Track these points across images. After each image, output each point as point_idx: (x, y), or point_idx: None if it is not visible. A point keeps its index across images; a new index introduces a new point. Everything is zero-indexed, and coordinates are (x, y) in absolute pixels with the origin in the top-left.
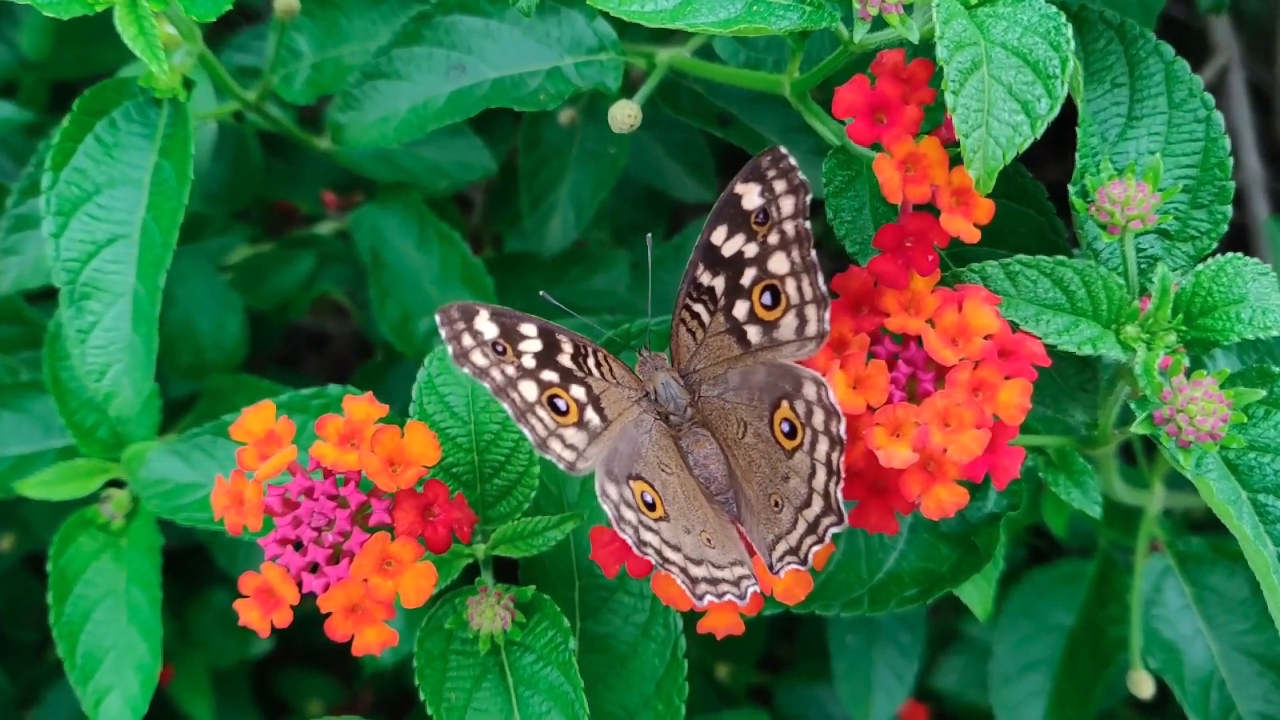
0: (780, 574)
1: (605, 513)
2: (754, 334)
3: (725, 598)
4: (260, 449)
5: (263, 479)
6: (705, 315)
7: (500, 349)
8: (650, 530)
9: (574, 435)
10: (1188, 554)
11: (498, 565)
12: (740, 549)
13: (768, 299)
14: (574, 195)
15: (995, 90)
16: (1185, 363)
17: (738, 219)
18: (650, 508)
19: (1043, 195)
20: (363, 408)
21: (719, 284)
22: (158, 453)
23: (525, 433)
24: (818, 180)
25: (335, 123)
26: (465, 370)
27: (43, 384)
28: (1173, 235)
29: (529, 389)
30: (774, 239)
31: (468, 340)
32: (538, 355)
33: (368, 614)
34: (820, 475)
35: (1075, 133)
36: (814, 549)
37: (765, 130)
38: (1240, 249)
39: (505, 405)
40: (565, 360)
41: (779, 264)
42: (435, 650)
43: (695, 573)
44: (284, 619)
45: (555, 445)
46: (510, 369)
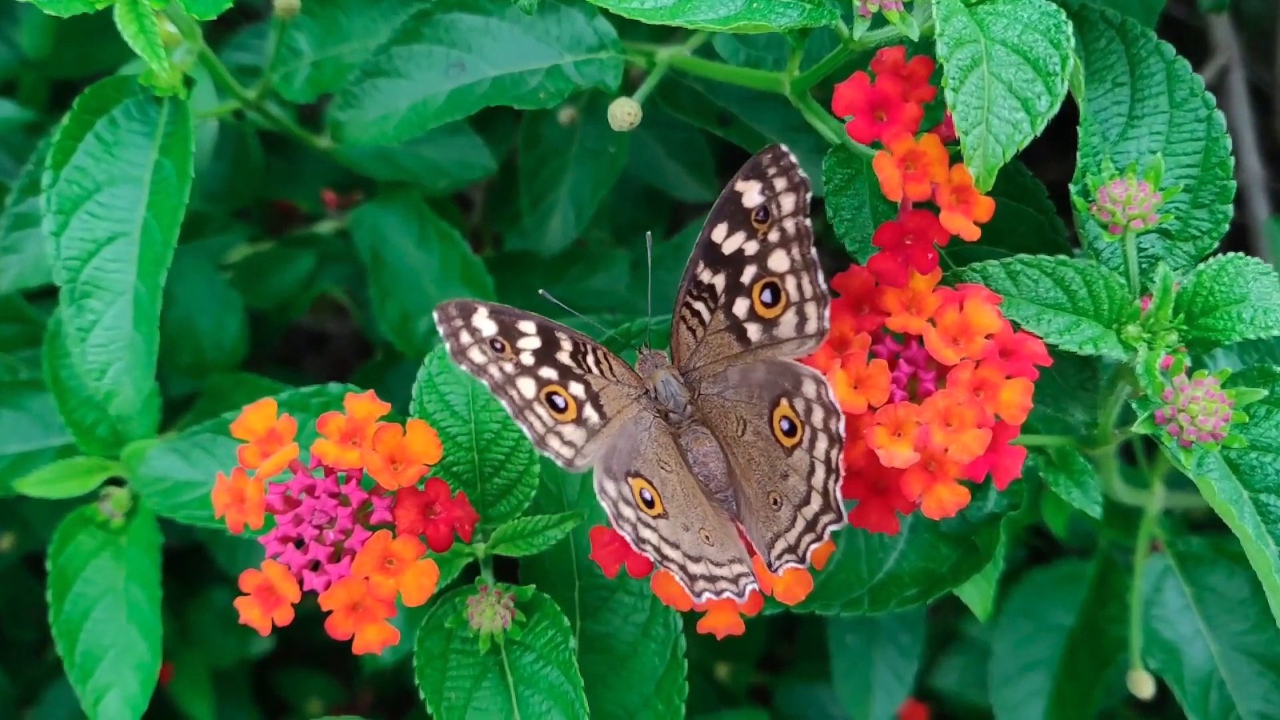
0: (779, 572)
1: (604, 510)
2: (754, 332)
3: (723, 595)
4: (261, 447)
5: (264, 476)
6: (705, 313)
7: (498, 346)
8: (649, 527)
9: (572, 432)
10: (1188, 554)
11: (498, 564)
12: (739, 547)
13: (768, 296)
14: (574, 194)
15: (995, 87)
16: (1186, 362)
17: (738, 216)
18: (649, 505)
19: (1043, 193)
20: (364, 405)
21: (719, 281)
22: (157, 451)
23: (523, 429)
24: (818, 178)
25: (335, 121)
26: (463, 367)
27: (42, 382)
28: (1174, 235)
29: (527, 386)
30: (774, 236)
31: (466, 337)
32: (536, 352)
33: (369, 612)
34: (819, 473)
35: (1075, 131)
36: (812, 547)
37: (765, 129)
38: (1240, 249)
39: (503, 402)
40: (564, 357)
41: (779, 261)
42: (435, 649)
43: (693, 570)
44: (285, 617)
45: (553, 442)
46: (508, 366)
